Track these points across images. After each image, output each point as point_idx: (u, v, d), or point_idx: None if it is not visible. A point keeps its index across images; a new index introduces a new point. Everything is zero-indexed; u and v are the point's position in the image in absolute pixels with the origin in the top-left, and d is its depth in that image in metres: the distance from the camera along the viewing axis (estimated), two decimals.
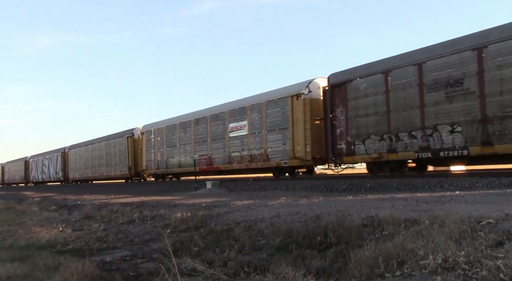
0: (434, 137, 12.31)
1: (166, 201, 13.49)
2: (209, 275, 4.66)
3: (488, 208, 5.77)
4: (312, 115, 16.33)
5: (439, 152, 12.17)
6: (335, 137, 15.27)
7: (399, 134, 13.19)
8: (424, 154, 12.55)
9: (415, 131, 12.76)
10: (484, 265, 3.25)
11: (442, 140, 12.09)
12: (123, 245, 7.95)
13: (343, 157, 15.10)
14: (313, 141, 16.18)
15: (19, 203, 21.18)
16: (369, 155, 14.17)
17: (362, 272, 4.02)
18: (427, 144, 12.42)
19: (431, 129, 12.38)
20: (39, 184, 45.62)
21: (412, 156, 12.99)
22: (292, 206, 8.74)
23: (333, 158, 15.48)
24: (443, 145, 12.08)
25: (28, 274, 5.85)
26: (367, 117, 14.19)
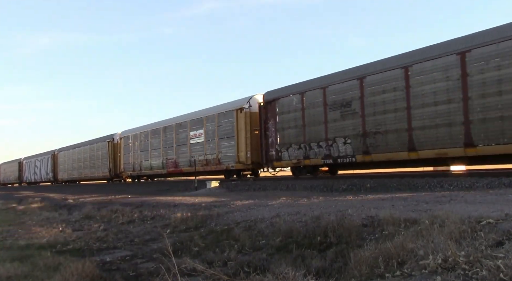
0: (333, 147, 15.47)
1: (166, 201, 13.49)
2: (209, 275, 4.66)
3: (488, 208, 5.77)
4: (252, 126, 19.43)
5: (337, 159, 15.33)
6: (267, 145, 18.38)
7: (311, 144, 16.34)
8: (327, 161, 15.80)
9: (322, 142, 15.90)
10: (484, 265, 3.25)
11: (339, 150, 15.24)
12: (123, 245, 7.95)
13: (273, 162, 18.28)
14: (253, 148, 19.27)
15: (19, 203, 21.19)
16: (291, 161, 17.38)
17: (362, 272, 4.02)
18: (329, 152, 15.59)
19: (332, 141, 15.51)
20: (31, 184, 47.73)
21: (320, 162, 16.20)
22: (292, 206, 8.74)
23: (266, 163, 18.68)
24: (339, 154, 15.22)
25: (28, 274, 5.85)
26: (290, 130, 17.35)
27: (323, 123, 15.75)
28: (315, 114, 16.08)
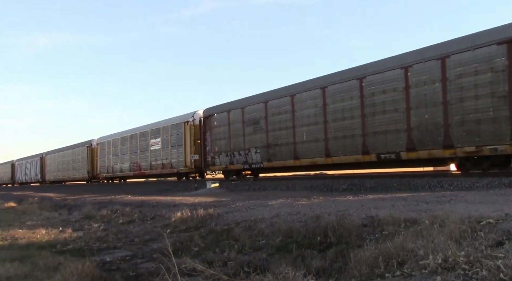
0: (249, 155, 19.26)
1: (166, 201, 13.50)
2: (209, 275, 4.66)
3: (488, 208, 5.77)
4: (195, 137, 23.30)
5: (252, 165, 19.23)
6: (205, 153, 22.20)
7: (234, 152, 20.11)
8: (245, 166, 19.70)
9: (241, 151, 19.67)
10: (484, 265, 3.25)
11: (252, 157, 19.09)
12: (123, 245, 7.95)
13: (210, 167, 22.06)
14: (195, 155, 23.13)
15: (19, 203, 21.20)
16: (221, 166, 21.18)
17: (362, 272, 4.02)
18: (246, 159, 19.43)
19: (248, 150, 19.31)
20: (23, 184, 51.29)
21: (241, 167, 20.10)
22: (292, 206, 8.74)
23: (204, 167, 22.61)
24: (253, 161, 19.08)
25: (28, 274, 5.85)
26: (220, 140, 21.09)
27: (241, 136, 19.66)
28: (237, 128, 19.98)
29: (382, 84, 13.59)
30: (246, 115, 19.48)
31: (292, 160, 17.05)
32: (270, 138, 17.98)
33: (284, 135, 17.31)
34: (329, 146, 15.40)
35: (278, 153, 17.63)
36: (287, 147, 17.24)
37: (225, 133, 20.70)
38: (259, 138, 18.64)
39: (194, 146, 23.27)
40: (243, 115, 19.67)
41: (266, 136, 18.27)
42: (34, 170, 46.81)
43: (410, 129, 12.72)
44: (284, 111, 17.32)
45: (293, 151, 16.92)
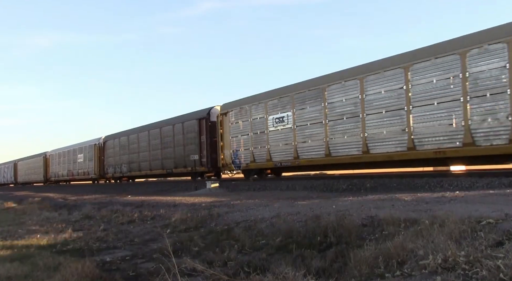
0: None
1: (166, 201, 13.49)
2: (209, 275, 4.66)
3: (488, 208, 5.77)
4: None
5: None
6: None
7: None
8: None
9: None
10: (484, 265, 3.25)
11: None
12: (123, 245, 7.95)
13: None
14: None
15: (18, 203, 21.19)
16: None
17: (362, 272, 4.02)
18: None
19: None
20: (1, 185, 59.90)
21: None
22: (292, 206, 8.74)
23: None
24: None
25: (28, 274, 5.84)
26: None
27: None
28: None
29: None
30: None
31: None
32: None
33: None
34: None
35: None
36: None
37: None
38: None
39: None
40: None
41: (175, 153, 20.78)
42: (10, 173, 56.45)
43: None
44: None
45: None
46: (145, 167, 27.56)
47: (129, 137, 29.35)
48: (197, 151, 22.28)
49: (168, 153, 25.03)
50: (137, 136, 28.40)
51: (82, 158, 34.88)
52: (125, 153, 29.62)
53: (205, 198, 13.58)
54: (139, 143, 28.20)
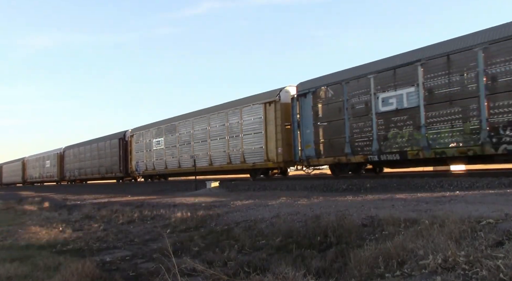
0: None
1: (166, 201, 13.49)
2: (209, 275, 4.66)
3: (488, 208, 5.76)
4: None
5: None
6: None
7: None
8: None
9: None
10: (484, 265, 3.25)
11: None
12: (123, 245, 7.94)
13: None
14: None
15: (19, 203, 21.18)
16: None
17: (362, 272, 4.02)
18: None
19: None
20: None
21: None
22: (292, 206, 8.74)
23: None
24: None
25: (28, 274, 5.84)
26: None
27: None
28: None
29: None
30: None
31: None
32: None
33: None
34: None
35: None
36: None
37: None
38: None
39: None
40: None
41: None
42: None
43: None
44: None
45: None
46: (89, 172, 36.18)
47: (79, 149, 38.15)
48: (117, 162, 31.01)
49: (102, 162, 33.74)
50: (84, 148, 37.23)
51: (49, 164, 43.81)
52: (77, 161, 38.43)
53: (205, 198, 13.58)
54: (85, 154, 36.84)
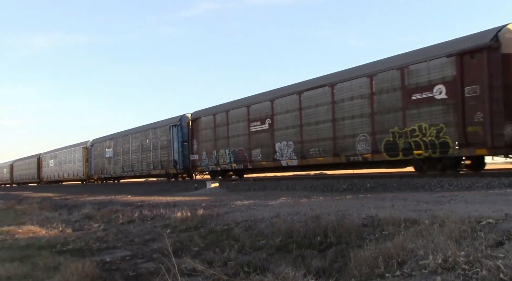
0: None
1: (166, 201, 13.49)
2: (209, 275, 4.66)
3: (488, 208, 5.76)
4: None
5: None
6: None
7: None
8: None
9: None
10: (484, 265, 3.25)
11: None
12: (123, 245, 7.94)
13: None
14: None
15: (19, 203, 21.19)
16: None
17: (362, 272, 4.02)
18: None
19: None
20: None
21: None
22: (292, 206, 8.74)
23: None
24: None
25: (28, 274, 5.84)
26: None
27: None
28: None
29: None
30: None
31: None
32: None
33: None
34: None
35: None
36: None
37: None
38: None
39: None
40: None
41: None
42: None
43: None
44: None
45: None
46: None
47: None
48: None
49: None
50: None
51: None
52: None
53: (205, 198, 13.58)
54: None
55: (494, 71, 10.74)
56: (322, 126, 15.35)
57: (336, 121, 14.80)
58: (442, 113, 11.87)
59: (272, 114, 17.60)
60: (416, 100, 12.45)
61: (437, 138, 11.94)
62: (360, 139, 14.05)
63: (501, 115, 10.66)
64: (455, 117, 11.53)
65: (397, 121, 12.94)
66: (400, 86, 12.88)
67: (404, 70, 12.81)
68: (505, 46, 10.74)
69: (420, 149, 12.39)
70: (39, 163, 46.49)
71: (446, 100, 11.77)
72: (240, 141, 19.32)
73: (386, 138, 13.29)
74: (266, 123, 17.97)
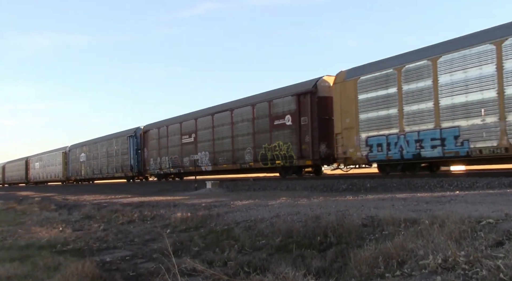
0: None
1: (166, 201, 13.49)
2: (209, 275, 4.66)
3: (488, 208, 5.76)
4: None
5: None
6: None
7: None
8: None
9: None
10: (484, 265, 3.25)
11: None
12: (123, 245, 7.94)
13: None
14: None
15: (19, 202, 21.18)
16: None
17: (362, 272, 4.02)
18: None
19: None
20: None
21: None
22: (292, 206, 8.74)
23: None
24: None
25: (28, 274, 5.84)
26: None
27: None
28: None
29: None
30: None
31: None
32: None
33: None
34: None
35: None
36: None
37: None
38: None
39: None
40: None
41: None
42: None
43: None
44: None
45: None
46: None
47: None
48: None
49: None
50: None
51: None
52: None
53: (205, 198, 13.58)
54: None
55: (315, 108, 15.98)
56: (226, 140, 20.47)
57: (234, 138, 19.88)
58: (289, 135, 16.96)
59: (196, 130, 22.67)
60: (277, 124, 17.63)
61: (287, 152, 16.98)
62: (247, 151, 19.18)
63: (317, 138, 15.84)
64: (296, 138, 16.61)
65: (267, 139, 18.01)
66: (268, 114, 18.11)
67: (270, 103, 18.09)
68: (320, 91, 16.15)
69: (279, 159, 17.41)
70: (27, 165, 51.32)
71: (291, 126, 16.95)
72: (176, 150, 24.43)
73: (261, 152, 18.29)
74: (192, 137, 22.94)
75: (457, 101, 11.46)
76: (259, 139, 18.24)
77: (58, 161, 42.07)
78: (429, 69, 12.04)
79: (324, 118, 15.70)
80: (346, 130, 14.50)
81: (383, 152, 13.35)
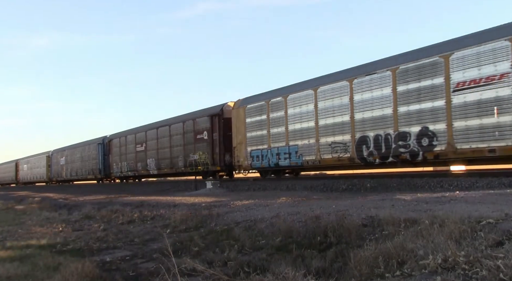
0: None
1: (166, 201, 13.49)
2: (209, 275, 4.66)
3: (488, 208, 5.76)
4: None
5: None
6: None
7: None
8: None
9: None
10: (484, 265, 3.25)
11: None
12: (123, 245, 7.94)
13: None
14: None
15: (19, 202, 21.20)
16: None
17: (362, 272, 4.02)
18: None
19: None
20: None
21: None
22: (292, 206, 8.74)
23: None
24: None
25: (28, 274, 5.84)
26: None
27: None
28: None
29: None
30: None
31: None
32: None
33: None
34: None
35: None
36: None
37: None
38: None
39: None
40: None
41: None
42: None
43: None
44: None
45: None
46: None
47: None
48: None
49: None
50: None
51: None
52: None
53: (205, 198, 13.59)
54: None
55: (221, 126, 20.44)
56: (166, 150, 24.70)
57: (171, 148, 24.15)
58: (206, 147, 21.27)
59: (146, 140, 27.05)
60: (198, 138, 21.93)
61: (205, 160, 21.23)
62: (179, 159, 23.45)
63: (223, 150, 20.31)
64: (210, 149, 20.96)
65: (192, 150, 22.18)
66: (193, 130, 22.43)
67: (194, 121, 22.43)
68: (225, 114, 20.58)
69: (200, 166, 21.51)
70: (17, 167, 54.75)
71: (207, 140, 21.31)
72: (132, 157, 28.77)
73: (189, 159, 22.30)
74: (143, 146, 27.30)
75: (297, 127, 16.23)
76: (187, 150, 22.72)
77: (42, 164, 45.93)
78: (282, 104, 16.91)
79: (228, 134, 19.99)
80: (239, 144, 19.12)
81: (259, 161, 18.05)
